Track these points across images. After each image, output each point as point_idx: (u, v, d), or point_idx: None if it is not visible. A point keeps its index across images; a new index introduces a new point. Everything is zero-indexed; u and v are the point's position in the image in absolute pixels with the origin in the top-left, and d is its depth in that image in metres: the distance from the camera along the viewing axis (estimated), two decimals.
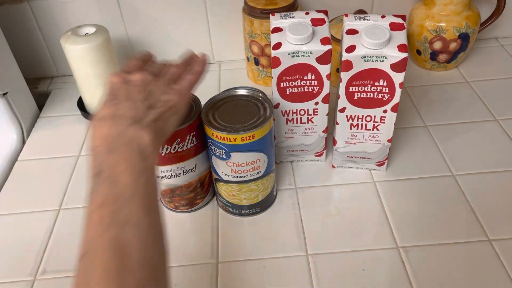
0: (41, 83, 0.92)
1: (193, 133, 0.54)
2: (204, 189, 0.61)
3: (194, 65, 0.49)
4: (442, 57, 0.82)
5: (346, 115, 0.60)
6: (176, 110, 0.45)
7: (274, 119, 0.62)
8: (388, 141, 0.62)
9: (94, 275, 0.30)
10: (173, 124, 0.45)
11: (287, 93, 0.59)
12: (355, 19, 0.56)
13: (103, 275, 0.30)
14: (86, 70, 0.75)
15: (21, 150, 0.76)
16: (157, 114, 0.42)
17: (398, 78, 0.55)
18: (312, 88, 0.59)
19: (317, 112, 0.61)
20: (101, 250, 0.31)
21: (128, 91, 0.42)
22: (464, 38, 0.79)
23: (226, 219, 0.61)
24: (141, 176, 0.36)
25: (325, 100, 0.60)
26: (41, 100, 0.86)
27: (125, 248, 0.31)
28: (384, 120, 0.59)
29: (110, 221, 0.32)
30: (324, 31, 0.56)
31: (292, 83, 0.58)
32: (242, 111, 0.55)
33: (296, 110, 0.61)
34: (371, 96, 0.57)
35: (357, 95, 0.57)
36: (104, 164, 0.36)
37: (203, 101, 0.57)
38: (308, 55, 0.55)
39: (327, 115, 0.62)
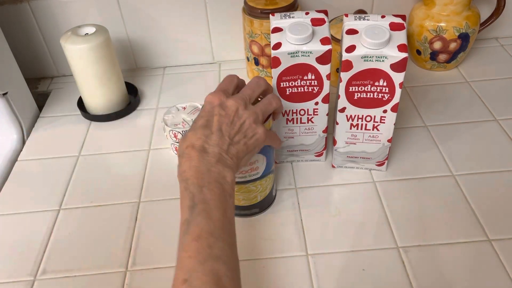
0: (41, 83, 0.92)
1: None
2: None
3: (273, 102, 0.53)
4: (442, 57, 0.82)
5: (346, 115, 0.60)
6: (254, 149, 0.49)
7: (274, 119, 0.62)
8: (388, 141, 0.62)
9: None
10: (246, 162, 0.49)
11: (287, 93, 0.60)
12: (355, 19, 0.56)
13: None
14: (86, 70, 0.75)
15: (21, 150, 0.76)
16: (237, 152, 0.46)
17: (398, 78, 0.55)
18: (312, 88, 0.59)
19: (317, 112, 0.61)
20: (202, 279, 0.36)
21: (221, 121, 0.47)
22: (464, 38, 0.79)
23: None
24: (226, 213, 0.42)
25: (325, 100, 0.60)
26: (41, 100, 0.86)
27: (221, 280, 0.36)
28: (384, 120, 0.59)
29: (207, 256, 0.37)
30: (324, 31, 0.56)
31: (292, 83, 0.58)
32: None
33: (296, 110, 0.61)
34: (371, 96, 0.57)
35: (357, 95, 0.57)
36: (197, 198, 0.41)
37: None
38: (308, 55, 0.56)
39: (327, 115, 0.62)
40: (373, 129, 0.61)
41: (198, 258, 0.37)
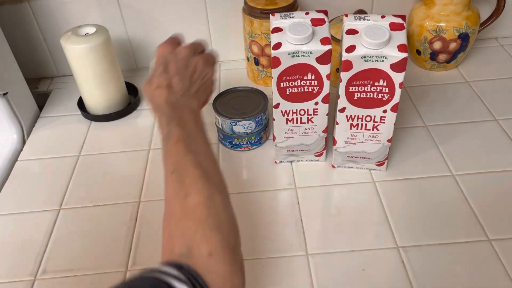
0: (41, 83, 0.92)
1: None
2: None
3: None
4: (442, 57, 0.82)
5: (346, 115, 0.60)
6: (209, 86, 0.58)
7: (274, 119, 0.62)
8: (388, 141, 0.62)
9: (186, 180, 0.42)
10: (205, 96, 0.57)
11: (287, 93, 0.60)
12: (355, 19, 0.56)
13: (194, 179, 0.42)
14: (86, 70, 0.75)
15: (21, 150, 0.76)
16: (197, 87, 0.55)
17: (398, 78, 0.55)
18: (312, 88, 0.59)
19: (317, 112, 0.61)
20: (186, 166, 0.43)
21: (177, 66, 0.54)
22: (464, 38, 0.79)
23: None
24: (198, 123, 0.50)
25: (325, 100, 0.60)
26: (41, 100, 0.86)
27: (202, 164, 0.43)
28: (384, 120, 0.59)
29: (187, 151, 0.44)
30: (324, 31, 0.56)
31: (292, 83, 0.58)
32: None
33: (296, 110, 0.61)
34: (371, 96, 0.57)
35: (357, 95, 0.57)
36: (172, 116, 0.48)
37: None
38: (308, 55, 0.56)
39: (327, 115, 0.62)
40: (373, 129, 0.61)
41: (180, 154, 0.44)
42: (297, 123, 0.63)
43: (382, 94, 0.57)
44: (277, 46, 0.56)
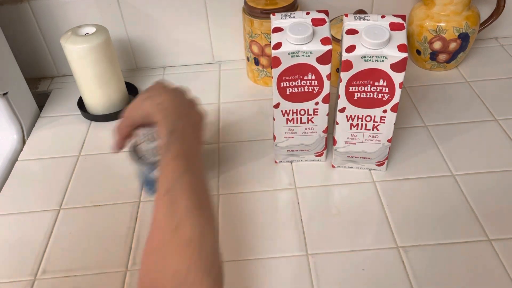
0: (41, 83, 0.92)
1: None
2: None
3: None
4: (442, 57, 0.82)
5: (346, 115, 0.60)
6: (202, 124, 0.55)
7: (274, 119, 0.62)
8: (388, 141, 0.62)
9: (179, 208, 0.40)
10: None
11: (287, 93, 0.60)
12: (355, 19, 0.56)
13: (187, 209, 0.40)
14: (86, 70, 0.75)
15: (21, 150, 0.76)
16: (194, 110, 0.54)
17: (398, 78, 0.55)
18: (312, 88, 0.59)
19: (317, 112, 0.61)
20: (182, 190, 0.41)
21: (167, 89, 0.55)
22: (464, 38, 0.79)
23: (227, 218, 0.61)
24: (198, 139, 0.50)
25: (325, 100, 0.60)
26: (41, 100, 0.86)
27: (198, 191, 0.42)
28: (384, 120, 0.59)
29: (185, 169, 0.43)
30: (324, 31, 0.56)
31: (292, 83, 0.58)
32: None
33: (296, 110, 0.61)
34: (371, 96, 0.57)
35: (357, 95, 0.57)
36: (176, 125, 0.48)
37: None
38: (308, 55, 0.56)
39: (327, 115, 0.62)
40: (373, 129, 0.61)
41: (176, 173, 0.43)
42: (297, 123, 0.63)
43: (382, 94, 0.57)
44: (278, 46, 0.56)
